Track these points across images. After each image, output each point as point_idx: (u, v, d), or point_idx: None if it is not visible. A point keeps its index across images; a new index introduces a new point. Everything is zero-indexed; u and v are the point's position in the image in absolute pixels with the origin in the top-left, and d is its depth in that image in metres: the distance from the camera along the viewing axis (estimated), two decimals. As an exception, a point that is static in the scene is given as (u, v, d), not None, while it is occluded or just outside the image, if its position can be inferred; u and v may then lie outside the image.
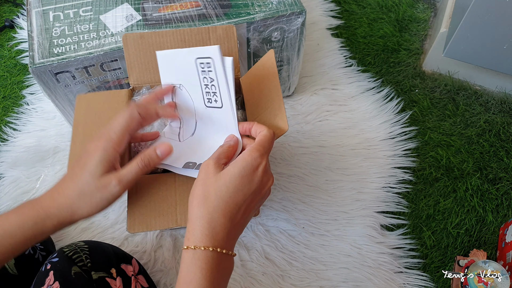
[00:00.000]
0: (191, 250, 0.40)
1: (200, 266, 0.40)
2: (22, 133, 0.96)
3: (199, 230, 0.41)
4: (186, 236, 0.42)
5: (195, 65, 0.52)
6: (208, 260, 0.40)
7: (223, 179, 0.43)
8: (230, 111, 0.53)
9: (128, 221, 0.57)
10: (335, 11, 1.19)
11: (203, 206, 0.42)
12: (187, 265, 0.40)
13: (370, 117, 0.99)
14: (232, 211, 0.43)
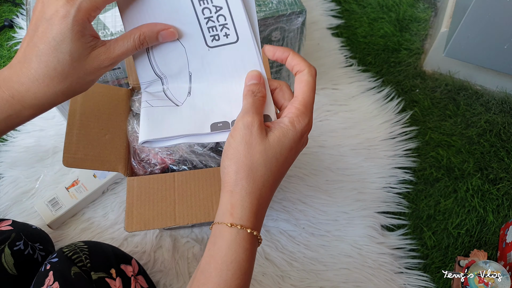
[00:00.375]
0: (235, 228, 0.36)
1: (244, 247, 0.36)
2: (21, 133, 0.96)
3: (248, 207, 0.36)
4: (227, 210, 0.37)
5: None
6: (252, 242, 0.37)
7: (273, 148, 0.37)
8: (251, 43, 0.42)
9: (126, 220, 0.57)
10: (335, 11, 1.19)
11: (252, 179, 0.36)
12: (229, 244, 0.36)
13: (371, 117, 0.99)
14: (276, 185, 0.39)
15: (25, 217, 0.84)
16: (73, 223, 0.84)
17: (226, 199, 0.37)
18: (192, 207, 0.58)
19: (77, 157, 0.55)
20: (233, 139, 0.37)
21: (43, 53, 0.35)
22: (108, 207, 0.85)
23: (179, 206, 0.58)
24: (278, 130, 0.37)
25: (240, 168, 0.36)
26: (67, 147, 0.54)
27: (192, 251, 0.80)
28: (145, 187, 0.57)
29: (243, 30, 0.42)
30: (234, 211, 0.36)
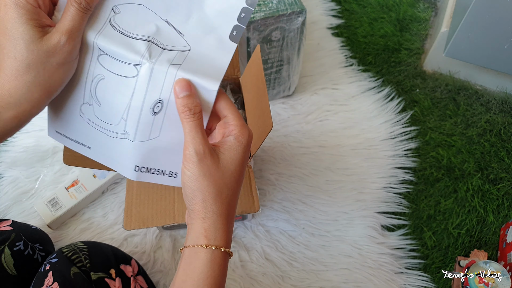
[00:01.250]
0: (210, 249, 0.39)
1: (218, 263, 0.39)
2: (21, 133, 0.96)
3: (220, 228, 0.39)
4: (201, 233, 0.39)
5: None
6: (224, 258, 0.40)
7: (229, 169, 0.39)
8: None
9: (125, 218, 0.57)
10: (335, 11, 1.19)
11: (220, 203, 0.39)
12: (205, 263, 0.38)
13: (371, 117, 0.99)
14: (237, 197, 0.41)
15: (25, 217, 0.84)
16: (73, 223, 0.84)
17: (198, 224, 0.39)
18: None
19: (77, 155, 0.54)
20: (190, 172, 0.38)
21: (4, 47, 0.35)
22: (108, 207, 0.85)
23: (178, 204, 0.58)
24: (228, 150, 0.39)
25: (207, 196, 0.39)
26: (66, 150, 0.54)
27: (192, 251, 0.80)
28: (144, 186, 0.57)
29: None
30: (207, 234, 0.39)
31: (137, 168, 0.45)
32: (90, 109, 0.44)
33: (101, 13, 0.40)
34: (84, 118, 0.44)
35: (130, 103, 0.42)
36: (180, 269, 0.39)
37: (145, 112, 0.42)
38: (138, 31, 0.41)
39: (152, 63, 0.41)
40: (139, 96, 0.42)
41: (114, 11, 0.41)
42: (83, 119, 0.44)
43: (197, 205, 0.39)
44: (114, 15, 0.41)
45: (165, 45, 0.42)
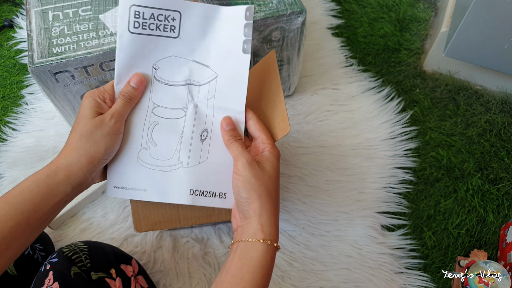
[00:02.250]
0: (266, 243, 0.45)
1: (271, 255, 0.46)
2: (21, 133, 0.96)
3: (274, 224, 0.47)
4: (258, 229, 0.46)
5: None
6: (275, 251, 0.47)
7: (272, 174, 0.49)
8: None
9: (134, 222, 0.58)
10: (335, 11, 1.19)
11: (271, 201, 0.48)
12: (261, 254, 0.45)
13: (371, 117, 0.99)
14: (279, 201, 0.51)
15: (25, 217, 0.84)
16: (73, 223, 0.84)
17: (255, 221, 0.46)
18: (195, 209, 0.59)
19: None
20: (243, 176, 0.47)
21: (75, 120, 0.49)
22: (108, 207, 0.85)
23: (182, 208, 0.59)
24: (266, 161, 0.50)
25: (261, 194, 0.47)
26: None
27: (192, 251, 0.80)
28: None
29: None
30: (264, 229, 0.46)
31: (192, 191, 0.53)
32: (147, 152, 0.53)
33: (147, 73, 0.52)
34: (141, 163, 0.53)
35: (182, 137, 0.53)
36: (235, 259, 0.45)
37: (194, 141, 0.53)
38: (177, 78, 0.52)
39: (195, 102, 0.53)
40: (189, 130, 0.53)
41: (155, 68, 0.52)
42: (140, 164, 0.53)
43: (254, 203, 0.47)
44: (156, 71, 0.52)
45: (199, 82, 0.53)
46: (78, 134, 0.47)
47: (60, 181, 0.46)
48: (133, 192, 0.54)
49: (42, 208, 0.44)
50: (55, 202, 0.46)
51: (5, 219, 0.42)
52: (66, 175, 0.46)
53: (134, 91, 0.51)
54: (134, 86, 0.51)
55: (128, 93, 0.50)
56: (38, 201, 0.44)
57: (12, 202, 0.43)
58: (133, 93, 0.51)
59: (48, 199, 0.45)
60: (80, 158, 0.47)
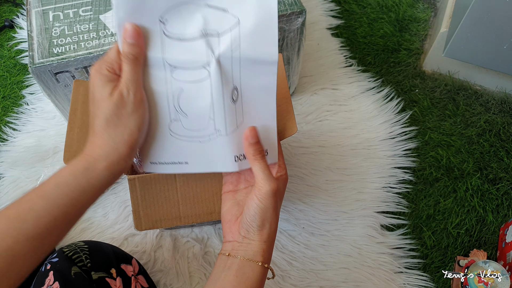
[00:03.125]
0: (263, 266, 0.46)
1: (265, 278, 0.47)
2: (21, 133, 0.96)
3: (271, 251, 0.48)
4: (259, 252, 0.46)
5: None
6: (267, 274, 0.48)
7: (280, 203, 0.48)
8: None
9: (135, 220, 0.58)
10: (335, 11, 1.19)
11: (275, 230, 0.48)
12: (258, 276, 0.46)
13: (370, 117, 0.99)
14: None
15: (26, 217, 0.84)
16: (74, 223, 0.84)
17: (258, 246, 0.46)
18: (195, 207, 0.59)
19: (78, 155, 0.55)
20: (264, 205, 0.45)
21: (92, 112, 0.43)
22: (108, 207, 0.85)
23: (182, 206, 0.59)
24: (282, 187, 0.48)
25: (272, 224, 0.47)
26: (68, 145, 0.55)
27: (192, 251, 0.81)
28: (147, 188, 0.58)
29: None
30: (264, 254, 0.46)
31: (236, 158, 0.48)
32: (179, 124, 0.47)
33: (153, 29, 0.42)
34: (175, 136, 0.47)
35: (213, 102, 0.45)
36: (231, 275, 0.45)
37: (227, 103, 0.45)
38: (190, 30, 0.43)
39: (217, 57, 0.43)
40: (218, 92, 0.44)
41: (162, 21, 0.43)
42: (175, 137, 0.47)
43: (263, 231, 0.46)
44: (164, 25, 0.43)
45: (218, 31, 0.43)
46: (103, 120, 0.42)
47: (100, 173, 0.42)
48: (174, 166, 0.49)
49: (80, 201, 0.42)
50: (94, 194, 0.43)
51: (41, 214, 0.39)
52: (106, 166, 0.42)
53: (134, 47, 0.42)
54: (131, 41, 0.42)
55: (129, 53, 0.42)
56: (76, 195, 0.41)
57: (48, 196, 0.40)
58: (135, 50, 0.42)
59: (87, 192, 0.42)
60: (117, 146, 0.42)
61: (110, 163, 0.42)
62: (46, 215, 0.39)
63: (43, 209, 0.39)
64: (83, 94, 0.59)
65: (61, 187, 0.40)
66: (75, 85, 0.58)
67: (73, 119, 0.56)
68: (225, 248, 0.47)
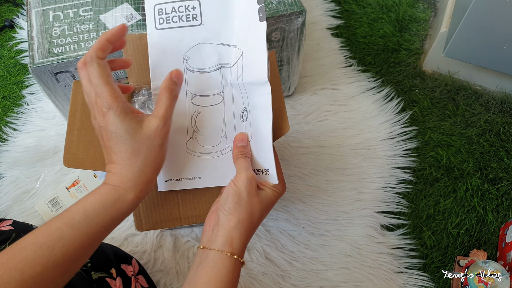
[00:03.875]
0: (233, 258, 0.45)
1: (237, 271, 0.46)
2: (22, 133, 0.96)
3: (243, 242, 0.47)
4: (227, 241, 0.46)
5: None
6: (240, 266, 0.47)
7: (266, 202, 0.49)
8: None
9: (135, 221, 0.58)
10: (335, 11, 1.19)
11: (250, 222, 0.47)
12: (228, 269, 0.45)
13: (370, 117, 0.99)
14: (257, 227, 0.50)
15: (26, 217, 0.85)
16: (74, 223, 0.84)
17: (226, 232, 0.46)
18: (195, 209, 0.60)
19: (77, 157, 0.55)
20: (236, 187, 0.47)
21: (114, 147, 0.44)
22: (109, 207, 0.85)
23: (182, 207, 0.60)
24: (272, 192, 0.50)
25: (242, 211, 0.47)
26: (67, 147, 0.54)
27: (192, 251, 0.81)
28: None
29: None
30: (233, 243, 0.46)
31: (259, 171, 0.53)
32: (194, 142, 0.54)
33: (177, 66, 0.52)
34: (191, 153, 0.54)
35: (225, 121, 0.54)
36: (204, 271, 0.45)
37: (237, 122, 0.53)
38: (208, 64, 0.53)
39: (230, 84, 0.53)
40: (230, 113, 0.53)
41: (185, 58, 0.53)
42: (190, 154, 0.54)
43: (233, 216, 0.46)
44: (186, 61, 0.53)
45: (230, 63, 0.53)
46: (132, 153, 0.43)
47: (130, 203, 0.44)
48: (187, 182, 0.54)
49: (108, 228, 0.43)
50: (121, 219, 0.45)
51: (70, 243, 0.40)
52: (135, 196, 0.44)
53: (178, 86, 0.47)
54: (176, 80, 0.47)
55: (173, 89, 0.46)
56: (105, 223, 0.42)
57: (77, 226, 0.40)
58: (177, 89, 0.47)
59: (115, 220, 0.44)
60: (147, 176, 0.45)
61: (138, 192, 0.44)
62: (74, 244, 0.40)
63: (72, 238, 0.40)
64: (83, 95, 0.58)
65: (91, 217, 0.42)
66: (75, 86, 0.58)
67: (73, 121, 0.56)
68: (202, 240, 0.49)
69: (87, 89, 0.44)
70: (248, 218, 0.47)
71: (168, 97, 0.46)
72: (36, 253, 0.38)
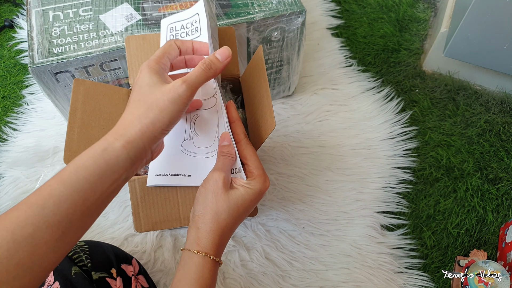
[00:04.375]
0: (200, 255, 0.45)
1: (208, 268, 0.46)
2: (21, 133, 0.96)
3: (211, 240, 0.46)
4: (194, 240, 0.46)
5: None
6: (214, 264, 0.46)
7: (235, 200, 0.47)
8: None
9: (134, 222, 0.58)
10: (335, 11, 1.19)
11: (216, 222, 0.46)
12: (196, 265, 0.45)
13: (370, 117, 0.99)
14: (237, 225, 0.49)
15: (26, 217, 0.84)
16: (74, 223, 0.84)
17: (194, 232, 0.47)
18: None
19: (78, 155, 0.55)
20: (204, 189, 0.47)
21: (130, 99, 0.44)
22: (108, 207, 0.85)
23: (182, 207, 0.59)
24: (244, 189, 0.48)
25: (207, 212, 0.46)
26: (68, 145, 0.55)
27: (192, 251, 0.81)
28: (147, 190, 0.58)
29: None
30: (200, 242, 0.46)
31: (233, 170, 0.54)
32: (190, 142, 0.55)
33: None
34: (186, 152, 0.55)
35: (218, 123, 0.55)
36: (178, 270, 0.46)
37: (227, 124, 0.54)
38: None
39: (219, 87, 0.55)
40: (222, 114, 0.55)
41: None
42: (184, 153, 0.55)
43: (197, 215, 0.47)
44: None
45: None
46: (139, 102, 0.42)
47: (119, 154, 0.40)
48: (177, 177, 0.55)
49: (100, 187, 0.40)
50: (114, 180, 0.41)
51: (61, 200, 0.37)
52: (123, 145, 0.40)
53: (218, 62, 0.46)
54: (219, 58, 0.46)
55: (211, 62, 0.45)
56: (95, 179, 0.39)
57: (67, 181, 0.38)
58: (216, 64, 0.46)
59: (106, 176, 0.40)
60: (141, 127, 0.41)
61: (128, 143, 0.41)
62: (65, 201, 0.37)
63: (63, 195, 0.37)
64: (83, 94, 0.58)
65: (80, 170, 0.39)
66: (75, 84, 0.58)
67: (73, 119, 0.56)
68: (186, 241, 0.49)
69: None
70: (213, 218, 0.46)
71: (203, 69, 0.44)
72: (27, 212, 0.36)
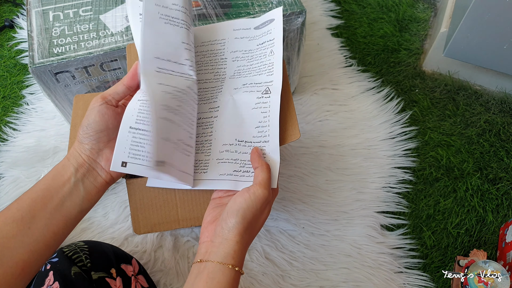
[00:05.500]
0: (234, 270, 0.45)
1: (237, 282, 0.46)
2: (22, 133, 0.96)
3: (244, 254, 0.47)
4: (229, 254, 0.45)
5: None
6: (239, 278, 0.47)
7: (265, 216, 0.49)
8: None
9: (133, 224, 0.58)
10: (335, 11, 1.19)
11: (250, 233, 0.48)
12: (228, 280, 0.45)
13: (370, 117, 0.99)
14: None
15: (26, 217, 0.84)
16: (74, 223, 0.84)
17: (229, 246, 0.46)
18: (193, 211, 0.59)
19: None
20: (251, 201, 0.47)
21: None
22: (109, 207, 0.85)
23: (180, 209, 0.59)
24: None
25: (248, 229, 0.47)
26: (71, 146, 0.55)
27: (192, 251, 0.81)
28: (146, 191, 0.58)
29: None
30: (236, 256, 0.45)
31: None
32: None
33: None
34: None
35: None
36: (202, 281, 0.44)
37: None
38: None
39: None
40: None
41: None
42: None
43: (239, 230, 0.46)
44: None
45: None
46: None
47: (64, 163, 0.47)
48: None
49: (54, 186, 0.46)
50: (64, 182, 0.46)
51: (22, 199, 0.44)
52: (66, 156, 0.48)
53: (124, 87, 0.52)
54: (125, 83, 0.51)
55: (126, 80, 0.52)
56: (49, 181, 0.46)
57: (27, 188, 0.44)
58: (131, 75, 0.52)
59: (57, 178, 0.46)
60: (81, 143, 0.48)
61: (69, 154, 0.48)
62: (27, 199, 0.45)
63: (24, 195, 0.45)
64: (83, 109, 0.59)
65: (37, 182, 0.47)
66: (75, 100, 0.59)
67: (74, 134, 0.57)
68: (199, 251, 0.47)
69: None
70: (251, 234, 0.48)
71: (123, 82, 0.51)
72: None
